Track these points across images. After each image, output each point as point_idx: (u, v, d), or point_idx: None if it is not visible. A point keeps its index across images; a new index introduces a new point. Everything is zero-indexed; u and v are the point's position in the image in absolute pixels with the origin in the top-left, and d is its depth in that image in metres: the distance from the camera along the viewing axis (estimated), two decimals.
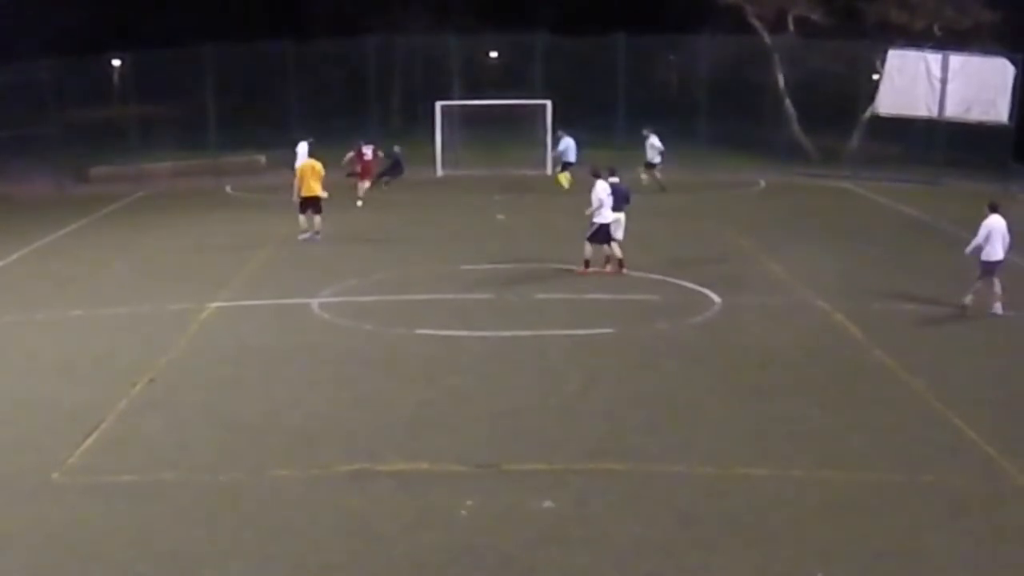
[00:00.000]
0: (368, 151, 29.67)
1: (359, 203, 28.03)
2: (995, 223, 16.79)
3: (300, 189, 22.62)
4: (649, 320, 16.38)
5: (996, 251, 16.63)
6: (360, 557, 8.88)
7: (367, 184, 29.10)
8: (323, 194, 22.60)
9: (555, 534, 9.22)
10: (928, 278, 19.60)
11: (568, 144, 30.82)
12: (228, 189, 31.90)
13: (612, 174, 19.58)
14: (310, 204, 22.67)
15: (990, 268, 16.68)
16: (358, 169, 29.25)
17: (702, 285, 18.24)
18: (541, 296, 17.76)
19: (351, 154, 29.54)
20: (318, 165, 22.89)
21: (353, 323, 16.21)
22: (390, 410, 12.41)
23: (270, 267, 20.50)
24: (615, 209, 19.20)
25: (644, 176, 29.49)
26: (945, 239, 23.87)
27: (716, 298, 17.52)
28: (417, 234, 23.76)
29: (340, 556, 8.88)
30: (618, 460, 10.79)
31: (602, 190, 18.99)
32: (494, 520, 9.51)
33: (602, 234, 19.00)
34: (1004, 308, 16.55)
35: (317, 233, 22.66)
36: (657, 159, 29.97)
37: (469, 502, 9.83)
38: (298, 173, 23.00)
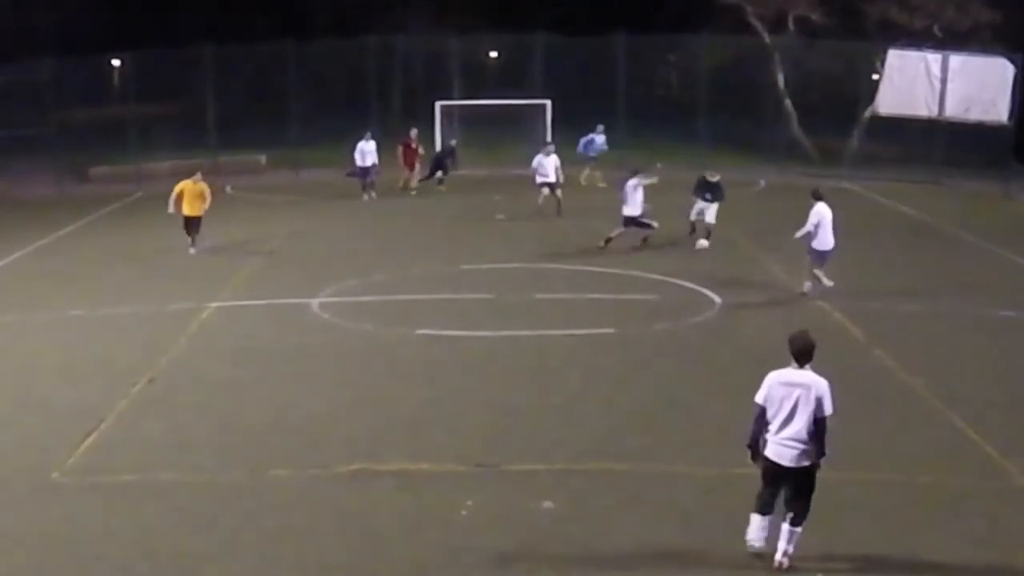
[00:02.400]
0: (414, 140, 29.99)
1: (413, 192, 29.34)
2: (824, 211, 17.27)
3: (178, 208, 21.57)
4: (649, 320, 16.38)
5: (829, 239, 17.20)
6: (360, 557, 8.88)
7: (414, 174, 29.70)
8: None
9: (555, 534, 9.22)
10: (928, 278, 19.62)
11: (593, 140, 31.26)
12: (228, 189, 31.81)
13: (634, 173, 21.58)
14: (192, 223, 21.59)
15: (823, 256, 17.26)
16: (401, 161, 29.71)
17: (702, 285, 18.25)
18: (541, 296, 17.76)
19: (401, 147, 29.79)
20: (205, 188, 21.82)
21: (353, 323, 16.21)
22: (390, 410, 12.41)
23: (270, 267, 20.51)
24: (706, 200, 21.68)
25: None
26: (945, 239, 23.91)
27: (716, 298, 17.53)
28: (417, 234, 23.76)
29: (340, 556, 8.87)
30: (618, 460, 10.79)
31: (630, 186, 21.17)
32: (494, 520, 9.50)
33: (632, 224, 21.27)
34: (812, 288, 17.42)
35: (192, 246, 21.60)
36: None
37: (469, 502, 9.82)
38: (176, 191, 21.65)
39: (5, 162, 33.04)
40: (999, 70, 32.17)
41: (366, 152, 28.98)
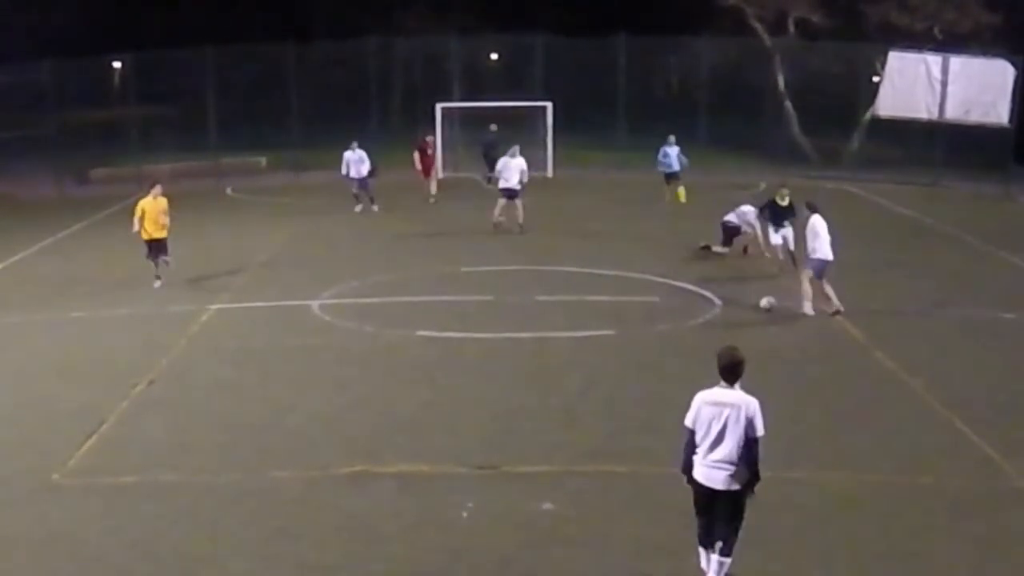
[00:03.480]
0: (431, 145, 28.96)
1: (432, 200, 28.00)
2: (819, 223, 16.53)
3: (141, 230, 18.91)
4: (649, 321, 16.38)
5: (826, 250, 16.36)
6: (360, 558, 8.88)
7: (431, 180, 28.54)
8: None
9: (555, 535, 9.22)
10: (928, 280, 19.63)
11: (668, 153, 27.97)
12: (228, 191, 31.90)
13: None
14: (155, 247, 18.93)
15: (821, 267, 16.39)
16: (418, 167, 28.56)
17: (702, 287, 18.25)
18: (541, 298, 17.75)
19: (417, 152, 28.62)
20: (163, 202, 18.97)
21: (353, 324, 16.21)
22: (390, 411, 12.41)
23: (270, 268, 20.50)
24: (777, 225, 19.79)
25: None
26: (945, 241, 23.91)
27: (716, 299, 17.53)
28: (417, 235, 23.76)
29: (340, 557, 8.88)
30: (618, 461, 10.79)
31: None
32: (494, 521, 9.51)
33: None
34: (814, 308, 16.39)
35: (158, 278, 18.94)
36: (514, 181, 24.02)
37: (469, 503, 9.83)
38: (138, 211, 18.94)
39: (5, 163, 33.08)
40: (999, 72, 32.18)
41: (351, 162, 26.68)
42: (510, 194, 23.58)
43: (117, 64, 38.40)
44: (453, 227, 24.83)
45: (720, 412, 8.07)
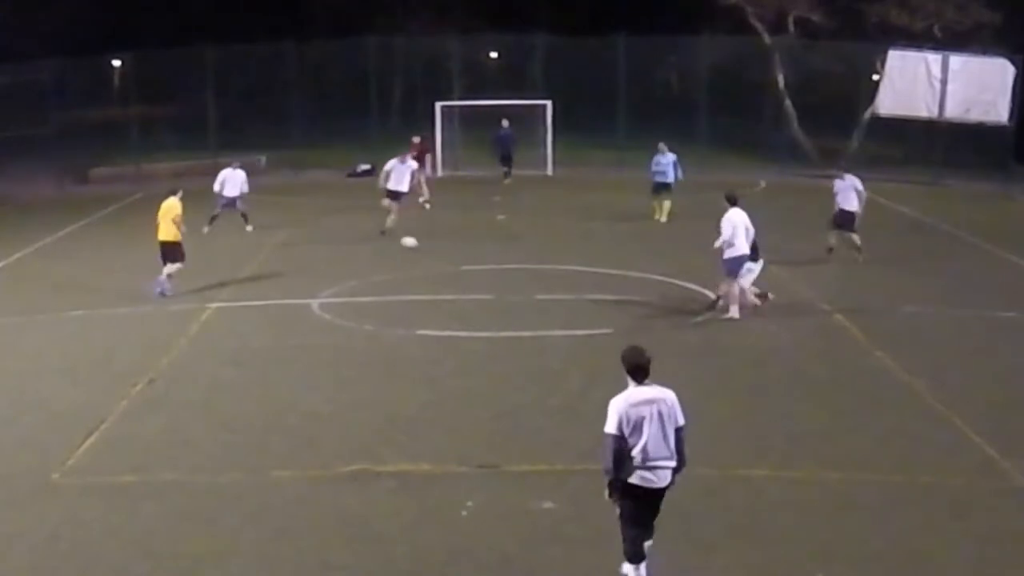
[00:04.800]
0: (414, 148, 28.11)
1: (427, 205, 26.03)
2: (737, 216, 16.16)
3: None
4: (649, 320, 16.38)
5: (742, 246, 16.00)
6: (360, 557, 8.88)
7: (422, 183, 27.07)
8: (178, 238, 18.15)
9: (555, 534, 9.22)
10: (928, 279, 19.62)
11: (660, 161, 25.49)
12: None
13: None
14: (167, 251, 18.06)
15: (739, 265, 16.05)
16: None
17: (702, 286, 18.24)
18: (541, 297, 17.75)
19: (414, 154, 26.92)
20: (174, 206, 18.21)
21: (354, 324, 16.21)
22: (390, 411, 12.40)
23: (270, 267, 20.50)
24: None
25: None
26: (945, 240, 23.91)
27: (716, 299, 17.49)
28: (417, 235, 23.72)
29: (340, 556, 8.87)
30: None
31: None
32: (494, 520, 9.51)
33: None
34: (741, 311, 16.02)
35: (168, 280, 17.99)
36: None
37: (469, 503, 9.82)
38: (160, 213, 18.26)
39: (6, 163, 33.08)
40: (999, 71, 32.21)
41: (228, 180, 24.33)
42: (396, 197, 23.20)
43: (117, 63, 38.44)
44: (453, 226, 24.83)
45: (650, 410, 7.87)
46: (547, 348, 14.93)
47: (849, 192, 20.35)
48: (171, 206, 18.22)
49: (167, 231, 18.08)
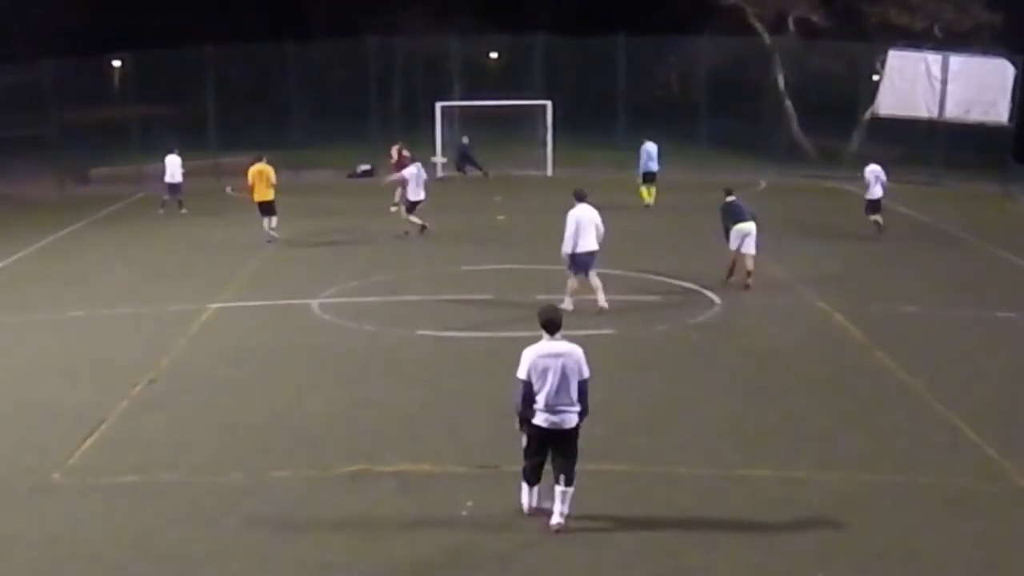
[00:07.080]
0: (395, 153, 27.67)
1: (392, 209, 25.72)
2: (582, 212, 16.09)
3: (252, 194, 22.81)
4: (649, 320, 16.38)
5: (590, 242, 15.92)
6: (360, 557, 8.88)
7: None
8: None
9: (555, 534, 9.21)
10: (928, 279, 19.63)
11: (650, 152, 27.39)
12: (228, 190, 31.85)
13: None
14: (265, 208, 22.65)
15: (585, 261, 16.04)
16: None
17: (702, 286, 18.25)
18: (541, 297, 17.69)
19: (393, 161, 27.07)
20: (269, 170, 22.73)
21: (354, 324, 16.21)
22: (391, 411, 12.40)
23: (271, 268, 20.51)
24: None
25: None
26: (945, 240, 23.92)
27: (716, 299, 17.53)
28: (417, 235, 23.74)
29: (340, 556, 8.87)
30: (618, 460, 10.78)
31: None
32: (494, 520, 9.50)
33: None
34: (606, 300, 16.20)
35: (273, 231, 22.70)
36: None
37: (469, 502, 9.83)
38: (249, 179, 22.80)
39: (6, 162, 33.09)
40: (999, 71, 32.23)
41: (172, 166, 27.32)
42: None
43: (117, 63, 38.42)
44: (453, 226, 24.82)
45: (556, 361, 9.06)
46: None
47: (874, 182, 23.49)
48: (264, 169, 22.12)
49: (263, 192, 22.04)
